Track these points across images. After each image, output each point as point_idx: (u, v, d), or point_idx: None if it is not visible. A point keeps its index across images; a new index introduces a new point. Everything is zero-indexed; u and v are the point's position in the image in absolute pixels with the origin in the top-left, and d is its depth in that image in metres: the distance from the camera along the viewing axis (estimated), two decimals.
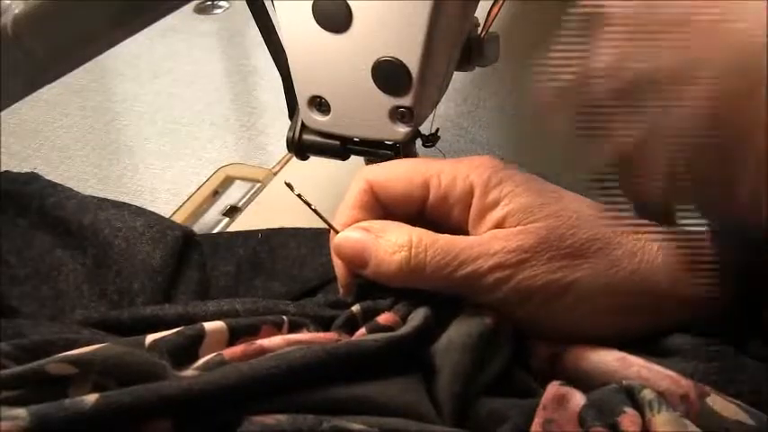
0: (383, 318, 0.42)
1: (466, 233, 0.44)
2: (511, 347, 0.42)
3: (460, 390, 0.39)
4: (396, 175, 0.46)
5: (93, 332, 0.44)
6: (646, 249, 0.42)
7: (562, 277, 0.41)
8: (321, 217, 0.45)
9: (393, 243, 0.42)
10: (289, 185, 0.46)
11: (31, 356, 0.40)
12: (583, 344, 0.42)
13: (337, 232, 0.45)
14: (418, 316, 0.41)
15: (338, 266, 0.46)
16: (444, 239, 0.42)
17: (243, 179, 0.73)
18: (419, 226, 0.45)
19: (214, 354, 0.38)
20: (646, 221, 0.42)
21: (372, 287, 0.44)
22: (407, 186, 0.45)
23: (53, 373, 0.37)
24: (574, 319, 0.42)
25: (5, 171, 0.57)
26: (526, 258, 0.41)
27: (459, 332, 0.41)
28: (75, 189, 0.57)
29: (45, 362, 0.37)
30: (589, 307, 0.41)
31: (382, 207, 0.46)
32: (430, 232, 0.43)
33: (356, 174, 0.46)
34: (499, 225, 0.43)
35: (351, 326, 0.42)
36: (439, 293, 0.43)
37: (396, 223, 0.44)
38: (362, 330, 0.41)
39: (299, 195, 0.45)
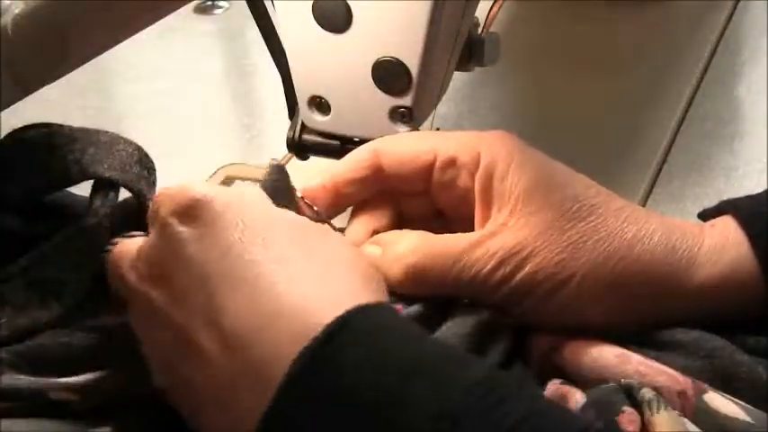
0: None
1: (471, 205, 0.44)
2: (509, 341, 0.42)
3: None
4: (405, 139, 0.47)
5: (86, 334, 0.44)
6: (646, 239, 0.42)
7: (563, 270, 0.41)
8: (321, 217, 0.45)
9: (397, 255, 0.43)
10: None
11: (29, 361, 0.41)
12: (583, 338, 0.42)
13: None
14: (419, 304, 0.42)
15: None
16: (444, 243, 0.43)
17: (243, 179, 0.73)
18: (421, 206, 0.46)
19: None
20: None
21: None
22: (415, 148, 0.46)
23: (54, 399, 0.38)
24: (575, 310, 0.42)
25: None
26: (527, 255, 0.41)
27: (456, 323, 0.41)
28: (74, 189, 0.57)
29: (46, 387, 0.38)
30: (590, 298, 0.42)
31: (384, 174, 0.46)
32: (432, 236, 0.43)
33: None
34: (505, 199, 0.43)
35: None
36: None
37: (402, 232, 0.44)
38: None
39: (301, 198, 0.45)
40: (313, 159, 0.60)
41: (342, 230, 0.47)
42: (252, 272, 0.36)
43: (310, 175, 0.47)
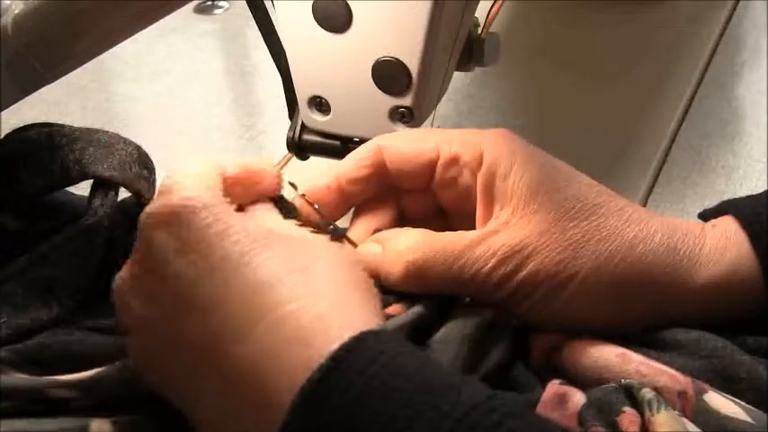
0: (391, 309, 0.42)
1: (473, 203, 0.44)
2: (510, 341, 0.42)
3: None
4: (408, 137, 0.47)
5: (85, 333, 0.44)
6: (648, 240, 0.42)
7: (564, 270, 0.41)
8: (322, 216, 0.45)
9: (397, 252, 0.43)
10: (293, 185, 0.46)
11: (28, 360, 0.41)
12: (583, 338, 0.42)
13: (342, 235, 0.45)
14: (419, 305, 0.42)
15: None
16: (446, 240, 0.42)
17: None
18: (424, 203, 0.46)
19: None
20: None
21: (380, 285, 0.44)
22: (418, 147, 0.45)
23: (54, 396, 0.38)
24: (576, 310, 0.42)
25: None
26: (528, 254, 0.41)
27: (457, 324, 0.41)
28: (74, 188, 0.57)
29: (46, 384, 0.38)
30: (591, 298, 0.42)
31: (386, 172, 0.46)
32: (433, 234, 0.43)
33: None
34: (507, 198, 0.43)
35: None
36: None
37: (402, 230, 0.44)
38: None
39: (302, 195, 0.45)
40: (313, 159, 0.60)
41: (345, 230, 0.46)
42: (247, 294, 0.35)
43: (313, 175, 0.46)
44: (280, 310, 0.35)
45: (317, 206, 0.45)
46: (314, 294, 0.36)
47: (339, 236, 0.45)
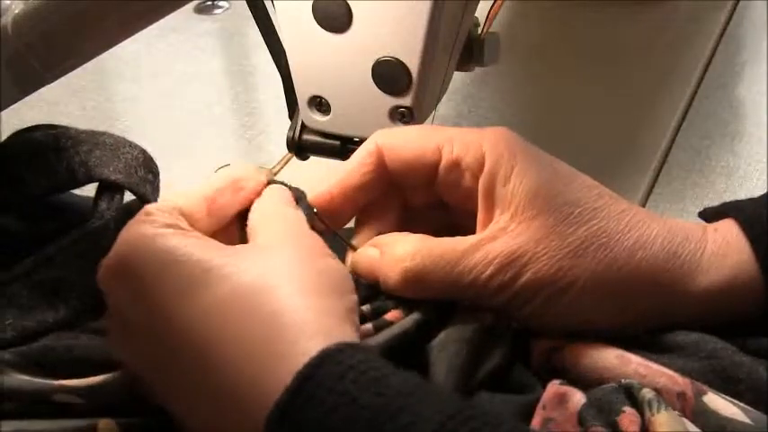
0: (390, 315, 0.42)
1: (475, 202, 0.44)
2: (510, 344, 0.42)
3: (457, 383, 0.39)
4: (409, 137, 0.46)
5: (90, 337, 0.44)
6: (648, 245, 0.42)
7: (563, 277, 0.41)
8: (321, 219, 0.45)
9: (395, 258, 0.43)
10: (291, 187, 0.46)
11: (32, 363, 0.41)
12: (583, 340, 0.42)
13: (337, 234, 0.45)
14: (417, 311, 0.42)
15: None
16: (444, 247, 0.42)
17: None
18: (426, 197, 0.46)
19: None
20: None
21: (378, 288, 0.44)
22: (420, 149, 0.45)
23: (58, 401, 0.38)
24: (576, 315, 0.42)
25: None
26: (526, 261, 0.41)
27: (456, 328, 0.41)
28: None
29: (51, 389, 0.38)
30: (591, 304, 0.41)
31: (388, 173, 0.45)
32: (431, 240, 0.43)
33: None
34: (507, 203, 0.42)
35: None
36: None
37: (401, 235, 0.44)
38: (369, 326, 0.41)
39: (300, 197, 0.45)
40: (313, 159, 0.60)
41: (349, 231, 0.46)
42: (216, 310, 0.36)
43: (315, 182, 0.46)
44: (249, 320, 0.35)
45: (315, 210, 0.45)
46: (281, 303, 0.36)
47: (342, 242, 0.45)
